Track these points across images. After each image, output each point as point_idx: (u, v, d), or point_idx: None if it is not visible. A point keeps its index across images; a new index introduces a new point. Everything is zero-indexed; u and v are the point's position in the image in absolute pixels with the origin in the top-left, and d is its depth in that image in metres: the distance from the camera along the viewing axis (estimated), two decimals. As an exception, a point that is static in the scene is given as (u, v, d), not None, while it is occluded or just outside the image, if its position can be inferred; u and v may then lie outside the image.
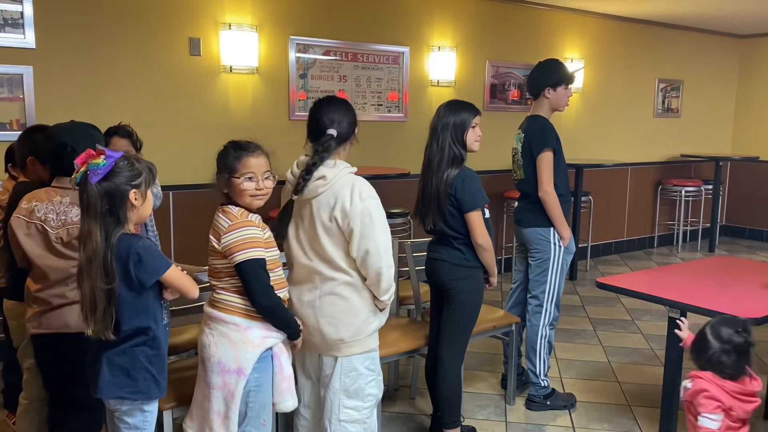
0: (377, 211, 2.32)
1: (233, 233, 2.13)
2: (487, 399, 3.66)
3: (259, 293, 2.15)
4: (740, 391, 2.16)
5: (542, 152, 3.36)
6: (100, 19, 4.23)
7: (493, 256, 2.92)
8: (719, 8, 6.50)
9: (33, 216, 2.26)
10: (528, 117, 3.55)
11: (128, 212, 2.00)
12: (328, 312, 2.36)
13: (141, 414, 2.13)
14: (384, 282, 2.35)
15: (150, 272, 2.01)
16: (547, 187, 3.35)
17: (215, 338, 2.18)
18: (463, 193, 2.80)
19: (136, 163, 2.02)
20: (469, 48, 6.02)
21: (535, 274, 3.48)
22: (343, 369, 2.40)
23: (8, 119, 3.99)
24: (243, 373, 2.16)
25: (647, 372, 4.07)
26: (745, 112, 8.37)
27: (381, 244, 2.31)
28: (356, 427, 2.44)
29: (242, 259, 2.11)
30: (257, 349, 2.18)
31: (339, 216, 2.28)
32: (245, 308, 2.18)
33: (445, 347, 2.97)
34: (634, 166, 7.48)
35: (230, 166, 2.18)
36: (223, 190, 2.22)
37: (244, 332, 2.17)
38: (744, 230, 8.36)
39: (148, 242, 2.05)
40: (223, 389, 2.17)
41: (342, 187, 2.30)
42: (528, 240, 3.49)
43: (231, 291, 2.19)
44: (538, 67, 3.56)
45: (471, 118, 2.87)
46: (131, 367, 2.05)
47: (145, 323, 2.06)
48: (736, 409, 2.15)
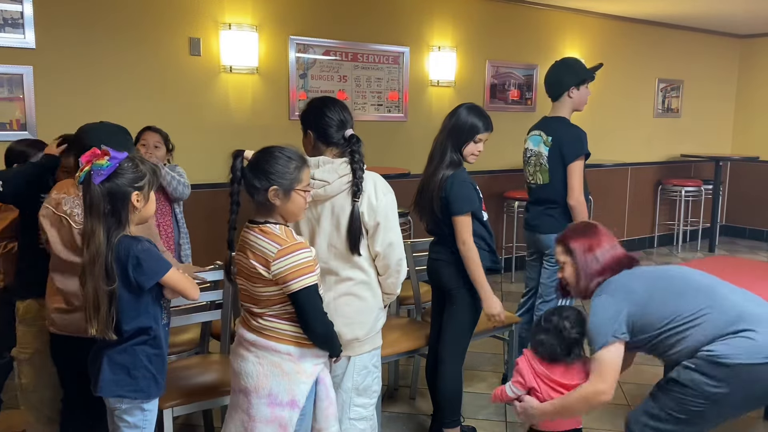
0: (395, 204, 2.42)
1: (286, 259, 1.97)
2: (487, 399, 3.66)
3: (316, 321, 2.04)
4: (546, 377, 2.35)
5: (576, 160, 3.31)
6: (100, 19, 4.23)
7: (480, 270, 2.81)
8: (719, 8, 6.50)
9: (60, 208, 2.26)
10: (550, 118, 3.45)
11: (130, 214, 2.00)
12: (344, 312, 2.35)
13: (141, 413, 2.13)
14: (403, 272, 2.42)
15: (149, 275, 2.00)
16: (579, 196, 3.32)
17: (265, 368, 2.05)
18: (451, 196, 2.80)
19: (141, 165, 2.02)
20: (469, 48, 6.01)
21: (551, 280, 3.44)
22: (356, 367, 2.41)
23: (8, 119, 3.99)
24: (297, 406, 2.06)
25: (647, 372, 4.06)
26: (745, 112, 8.37)
27: (400, 236, 2.41)
28: (364, 424, 2.46)
29: (298, 287, 1.98)
30: (310, 379, 2.09)
31: (365, 210, 2.31)
32: (297, 336, 2.07)
33: (446, 347, 2.98)
34: (634, 166, 7.48)
35: (294, 177, 2.02)
36: (276, 203, 2.02)
37: (297, 362, 2.06)
38: (744, 230, 8.36)
39: (148, 245, 2.04)
40: (272, 423, 2.05)
41: (364, 183, 2.31)
42: (546, 246, 3.46)
43: (282, 318, 2.06)
44: (559, 67, 3.47)
45: (478, 132, 2.84)
46: (132, 366, 2.06)
47: (146, 323, 2.06)
48: (541, 392, 2.34)
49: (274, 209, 2.04)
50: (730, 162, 8.25)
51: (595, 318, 2.28)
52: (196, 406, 2.58)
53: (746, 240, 8.25)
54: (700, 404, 2.19)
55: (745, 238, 8.30)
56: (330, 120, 2.34)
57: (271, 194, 2.01)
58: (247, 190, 2.06)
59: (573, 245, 2.42)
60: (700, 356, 2.18)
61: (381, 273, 2.41)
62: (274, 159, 2.01)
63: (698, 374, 2.17)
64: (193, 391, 2.56)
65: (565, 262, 2.44)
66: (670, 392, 2.24)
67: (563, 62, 3.48)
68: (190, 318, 2.83)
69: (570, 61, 3.49)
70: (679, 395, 2.21)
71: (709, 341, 2.17)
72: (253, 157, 2.06)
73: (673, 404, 2.23)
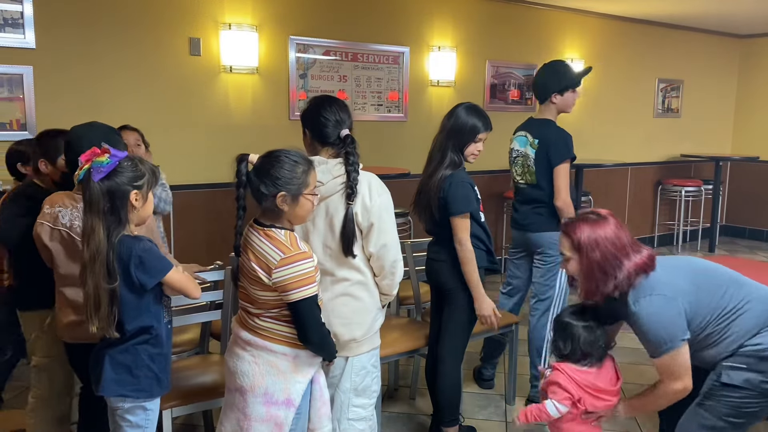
0: (391, 205, 2.38)
1: (288, 269, 1.94)
2: (487, 399, 3.66)
3: (313, 331, 2.03)
4: (591, 386, 2.28)
5: (563, 162, 3.33)
6: (100, 19, 4.23)
7: (476, 271, 2.81)
8: (719, 8, 6.50)
9: (57, 222, 2.25)
10: (536, 120, 3.46)
11: (129, 213, 2.01)
12: (341, 313, 2.34)
13: (143, 412, 2.13)
14: (398, 273, 2.40)
15: (151, 274, 2.01)
16: (566, 197, 3.33)
17: (261, 367, 2.05)
18: (449, 197, 2.80)
19: (140, 165, 2.03)
20: (469, 48, 6.01)
21: (545, 279, 3.46)
22: (354, 368, 2.40)
23: (8, 119, 3.99)
24: (293, 405, 2.06)
25: (647, 372, 4.06)
26: (745, 112, 8.37)
27: (395, 237, 2.38)
28: (363, 424, 2.45)
29: (298, 298, 1.96)
30: (306, 378, 2.09)
31: (359, 211, 2.29)
32: (293, 337, 2.06)
33: (445, 347, 2.98)
34: (634, 166, 7.48)
35: (302, 182, 1.99)
36: (284, 208, 1.99)
37: (293, 362, 2.06)
38: (744, 230, 8.36)
39: (149, 244, 2.05)
40: (267, 422, 2.04)
41: (359, 183, 2.30)
42: (538, 244, 3.46)
43: (279, 320, 2.05)
44: (545, 71, 3.47)
45: (479, 132, 2.85)
46: (134, 365, 2.06)
47: (148, 322, 2.06)
48: (585, 403, 2.27)
49: (281, 214, 2.01)
50: (730, 162, 8.25)
51: (659, 322, 2.13)
52: (196, 407, 2.58)
53: (746, 240, 8.25)
54: (758, 403, 2.14)
55: (745, 238, 8.30)
56: (326, 120, 2.32)
57: (279, 200, 1.97)
58: (254, 196, 2.02)
59: (585, 240, 2.23)
60: (745, 353, 2.13)
61: (376, 274, 2.40)
62: (280, 164, 1.97)
63: (752, 373, 2.12)
64: (193, 392, 2.56)
65: (570, 258, 2.26)
66: (723, 398, 2.16)
67: (551, 66, 3.48)
68: (190, 318, 2.82)
69: (557, 66, 3.48)
70: (736, 399, 2.14)
71: (752, 333, 2.12)
72: (258, 162, 2.02)
73: (729, 410, 2.16)
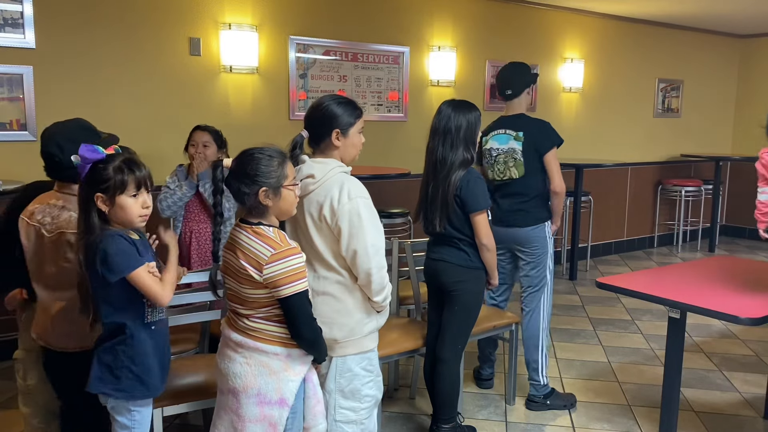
0: (366, 210, 2.26)
1: (278, 264, 1.95)
2: (487, 399, 3.66)
3: (304, 327, 2.03)
4: None
5: (552, 149, 3.43)
6: (100, 18, 4.23)
7: (495, 257, 2.94)
8: (719, 8, 6.50)
9: (33, 218, 2.26)
10: (510, 117, 3.53)
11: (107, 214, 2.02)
12: (322, 311, 2.31)
13: (128, 413, 2.12)
14: (374, 283, 2.29)
15: (112, 270, 1.97)
16: (560, 182, 3.46)
17: (253, 368, 2.04)
18: (468, 194, 2.82)
19: (109, 170, 1.99)
20: (469, 48, 6.02)
21: (535, 272, 3.50)
22: (338, 369, 2.38)
23: (8, 119, 3.99)
24: (286, 404, 2.06)
25: (647, 372, 4.07)
26: (745, 112, 8.37)
27: (370, 245, 2.25)
28: (353, 427, 2.42)
29: (289, 293, 1.97)
30: (298, 377, 2.08)
31: (327, 214, 2.26)
32: (284, 337, 2.06)
33: (446, 347, 2.98)
34: (634, 166, 7.48)
35: (280, 174, 2.01)
36: (268, 204, 2.01)
37: (285, 361, 2.06)
38: (744, 230, 8.36)
39: (121, 241, 2.00)
40: (261, 422, 2.04)
41: (332, 185, 2.28)
42: (524, 240, 3.49)
43: (270, 320, 2.05)
44: (515, 68, 3.58)
45: (479, 119, 2.90)
46: (114, 365, 2.06)
47: (120, 320, 2.05)
48: None
49: (267, 210, 2.03)
50: (730, 162, 8.25)
51: None
52: (195, 405, 2.58)
53: (746, 240, 8.25)
54: None
55: (745, 238, 8.29)
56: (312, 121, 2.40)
57: (262, 196, 1.99)
58: (236, 198, 2.05)
59: None
60: None
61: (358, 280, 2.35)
62: (255, 161, 2.00)
63: None
64: (192, 391, 2.55)
65: None
66: None
67: (517, 65, 3.60)
68: (189, 318, 2.82)
69: (521, 64, 3.60)
70: None
71: None
72: (233, 164, 2.04)
73: None
